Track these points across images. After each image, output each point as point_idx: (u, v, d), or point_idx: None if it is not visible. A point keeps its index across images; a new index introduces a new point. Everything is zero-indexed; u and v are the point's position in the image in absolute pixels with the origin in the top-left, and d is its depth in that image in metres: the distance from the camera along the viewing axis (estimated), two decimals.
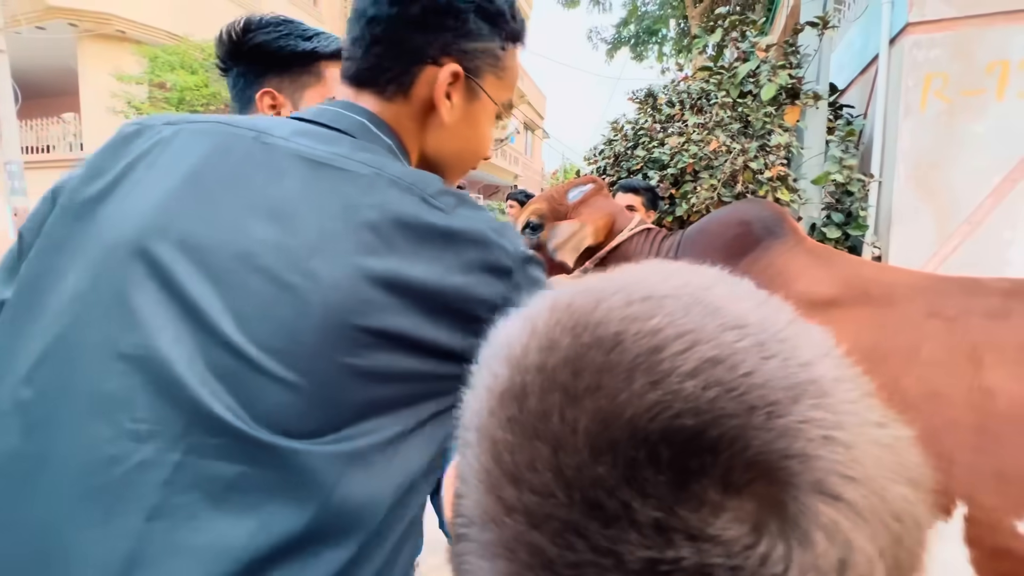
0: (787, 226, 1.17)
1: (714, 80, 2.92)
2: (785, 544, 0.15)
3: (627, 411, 0.16)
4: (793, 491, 0.15)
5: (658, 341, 0.17)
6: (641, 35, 8.93)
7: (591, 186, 1.40)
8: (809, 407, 0.16)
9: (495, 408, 0.19)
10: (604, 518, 0.15)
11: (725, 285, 0.22)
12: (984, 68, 2.67)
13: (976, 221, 2.71)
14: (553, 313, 0.20)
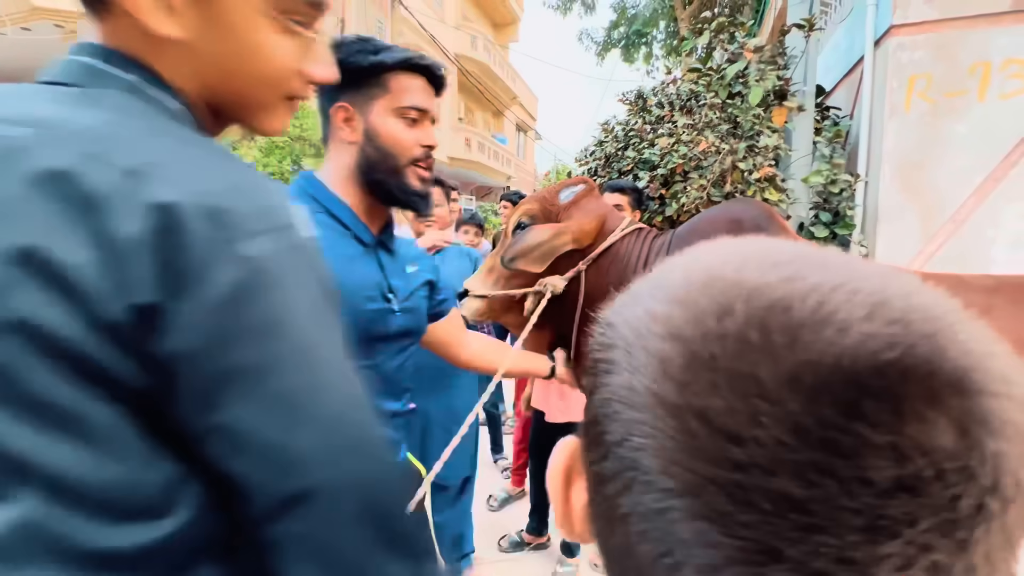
0: (776, 224, 1.18)
1: (703, 82, 2.96)
2: (990, 439, 0.18)
3: (829, 358, 0.18)
4: (979, 397, 0.18)
5: (822, 296, 0.20)
6: (631, 37, 9.00)
7: (582, 187, 1.39)
8: (964, 326, 0.20)
9: (684, 380, 0.20)
10: (843, 452, 0.17)
11: (803, 248, 0.24)
12: (966, 69, 2.72)
13: (960, 220, 2.76)
14: (706, 286, 0.22)
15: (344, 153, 0.92)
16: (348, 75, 0.86)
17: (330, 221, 0.90)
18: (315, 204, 0.90)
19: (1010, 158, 2.68)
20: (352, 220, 0.91)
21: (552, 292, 1.27)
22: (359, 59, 0.87)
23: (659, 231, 1.36)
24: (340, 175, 0.92)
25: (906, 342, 0.18)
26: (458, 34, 16.24)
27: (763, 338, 0.19)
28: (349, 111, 0.90)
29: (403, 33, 13.96)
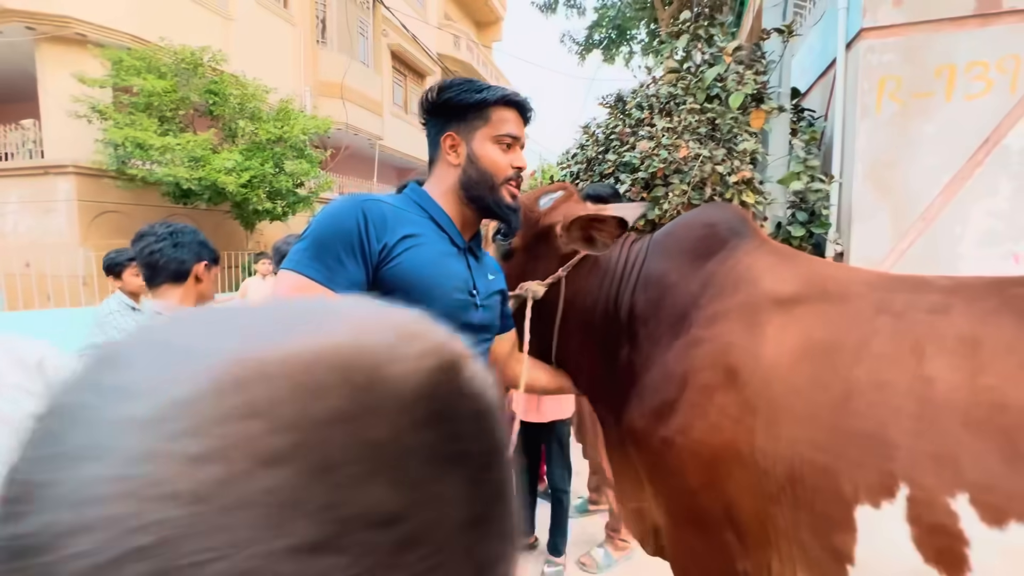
0: (750, 227, 1.22)
1: (682, 84, 3.01)
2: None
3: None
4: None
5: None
6: (612, 37, 9.06)
7: (561, 193, 1.40)
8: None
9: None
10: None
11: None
12: (933, 71, 2.81)
13: (929, 217, 2.85)
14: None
15: (448, 173, 1.12)
16: (456, 110, 1.08)
17: (432, 224, 1.09)
18: (420, 210, 1.09)
19: (975, 158, 2.78)
20: (449, 226, 1.11)
21: (533, 297, 1.29)
22: (467, 97, 1.07)
23: (638, 235, 1.38)
24: (443, 190, 1.12)
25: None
26: (440, 34, 16.18)
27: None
28: (456, 140, 1.09)
29: (386, 33, 13.87)
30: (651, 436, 1.06)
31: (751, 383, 0.96)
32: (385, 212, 1.01)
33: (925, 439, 0.76)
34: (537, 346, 1.40)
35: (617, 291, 1.27)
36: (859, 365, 0.87)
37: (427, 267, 1.02)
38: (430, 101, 1.09)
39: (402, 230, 1.02)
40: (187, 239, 1.60)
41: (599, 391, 1.34)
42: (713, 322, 1.07)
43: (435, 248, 1.05)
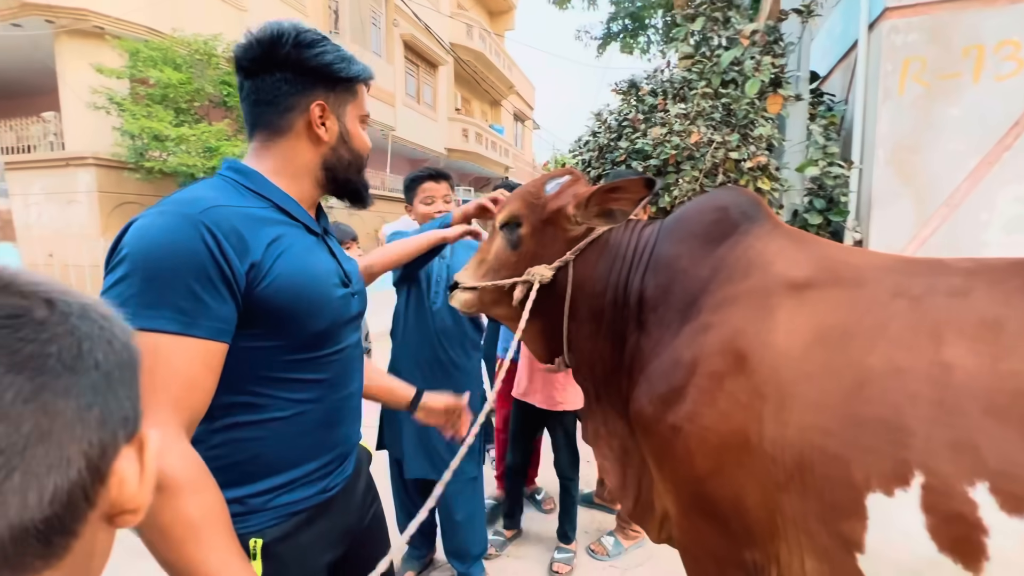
0: (762, 210, 1.19)
1: (696, 69, 2.94)
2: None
3: None
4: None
5: None
6: (629, 28, 8.90)
7: (567, 178, 1.37)
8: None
9: None
10: None
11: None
12: (960, 52, 2.70)
13: (954, 204, 2.76)
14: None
15: (306, 149, 0.93)
16: (325, 76, 0.90)
17: (281, 215, 0.89)
18: (258, 199, 0.88)
19: (1004, 141, 2.67)
20: (300, 212, 0.93)
21: (540, 281, 1.27)
22: (342, 68, 0.91)
23: (649, 220, 1.35)
24: (292, 169, 0.93)
25: None
26: (453, 23, 16.07)
27: None
28: (325, 112, 0.92)
29: (398, 23, 13.82)
30: (659, 422, 1.05)
31: (760, 369, 0.94)
32: (234, 221, 0.79)
33: (943, 426, 0.73)
34: (550, 332, 1.39)
35: (627, 276, 1.24)
36: (874, 351, 0.84)
37: (302, 274, 0.86)
38: (281, 53, 0.87)
39: (261, 237, 0.82)
40: None
41: (605, 380, 1.32)
42: (723, 307, 1.05)
43: (299, 246, 0.88)
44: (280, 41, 0.87)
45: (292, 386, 0.86)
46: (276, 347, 0.83)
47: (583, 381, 1.41)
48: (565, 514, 2.40)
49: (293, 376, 0.86)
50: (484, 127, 18.11)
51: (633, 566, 2.37)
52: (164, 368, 0.70)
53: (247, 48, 0.89)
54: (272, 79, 0.89)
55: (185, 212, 0.76)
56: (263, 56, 0.88)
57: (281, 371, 0.85)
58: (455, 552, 2.13)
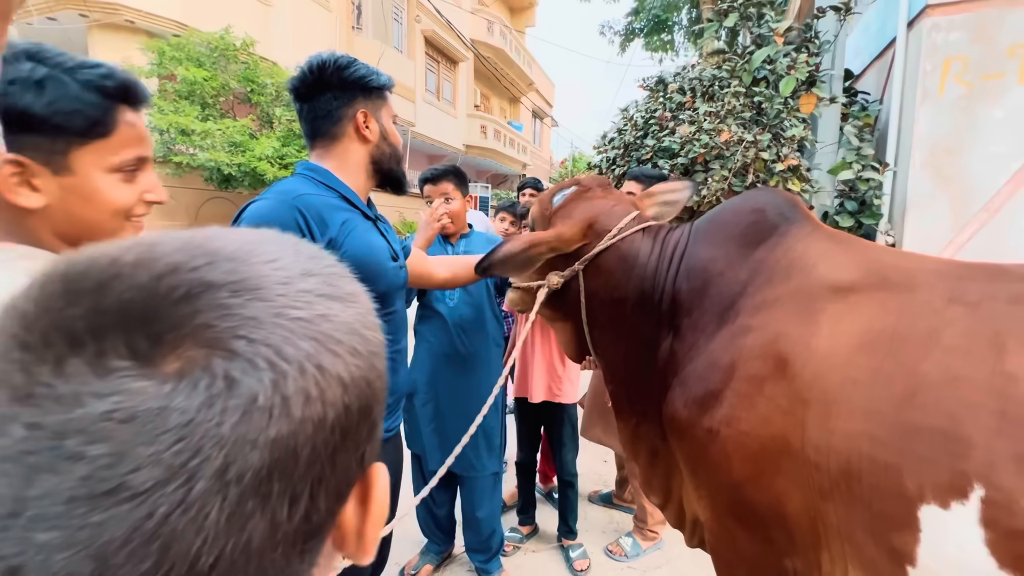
0: (801, 212, 1.15)
1: (727, 66, 2.88)
2: (193, 384, 0.21)
3: (45, 321, 0.22)
4: (196, 349, 0.22)
5: (113, 271, 0.23)
6: (654, 25, 8.79)
7: (572, 189, 1.37)
8: (221, 295, 0.23)
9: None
10: (22, 395, 0.21)
11: (237, 235, 0.27)
12: (1005, 51, 2.61)
13: (993, 208, 2.67)
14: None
15: (357, 149, 1.16)
16: (363, 88, 1.14)
17: (344, 203, 1.12)
18: (327, 190, 1.11)
19: None
20: (359, 202, 1.17)
21: (550, 287, 1.30)
22: (375, 79, 1.15)
23: (673, 226, 1.32)
24: (351, 166, 1.16)
25: (128, 306, 0.22)
26: (474, 19, 16.06)
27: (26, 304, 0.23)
28: (368, 116, 1.15)
29: (420, 18, 13.86)
30: (695, 426, 1.03)
31: (803, 374, 0.91)
32: (317, 205, 1.04)
33: (1006, 438, 0.70)
34: (579, 335, 1.40)
35: (652, 282, 1.22)
36: (928, 358, 0.81)
37: (365, 249, 1.09)
38: (324, 77, 1.10)
39: (336, 219, 1.06)
40: None
41: (633, 384, 1.31)
42: (763, 310, 1.02)
43: (362, 228, 1.12)
44: (325, 67, 1.10)
45: None
46: None
47: (610, 384, 1.40)
48: (569, 510, 2.40)
49: None
50: (503, 124, 18.09)
51: (652, 568, 2.35)
52: None
53: (302, 79, 1.12)
54: (324, 98, 1.12)
55: (283, 199, 1.02)
56: (315, 82, 1.11)
57: None
58: (475, 547, 2.14)
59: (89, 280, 0.23)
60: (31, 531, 0.19)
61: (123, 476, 0.20)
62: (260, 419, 0.22)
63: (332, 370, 0.25)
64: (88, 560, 0.19)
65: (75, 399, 0.20)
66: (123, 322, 0.22)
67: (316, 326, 0.25)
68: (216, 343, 0.22)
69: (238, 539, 0.21)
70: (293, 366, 0.23)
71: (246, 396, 0.22)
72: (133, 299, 0.22)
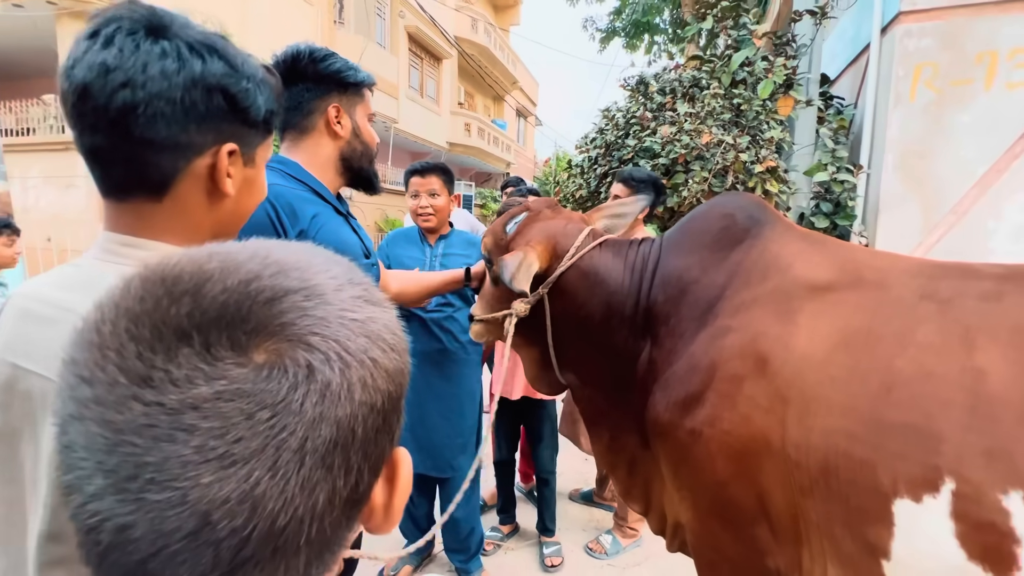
0: (770, 213, 1.16)
1: (706, 68, 2.92)
2: (283, 371, 0.25)
3: (154, 317, 0.26)
4: (282, 343, 0.26)
5: (204, 276, 0.27)
6: (633, 25, 8.85)
7: (523, 215, 1.38)
8: (297, 299, 0.28)
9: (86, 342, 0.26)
10: (140, 378, 0.24)
11: (295, 251, 0.32)
12: (973, 58, 2.69)
13: (961, 211, 2.75)
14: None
15: (327, 144, 1.14)
16: (338, 82, 1.11)
17: (315, 198, 1.10)
18: (296, 183, 1.09)
19: (1013, 149, 2.67)
20: (330, 196, 1.15)
21: (517, 315, 1.29)
22: (352, 73, 1.12)
23: (640, 240, 1.32)
24: (320, 160, 1.14)
25: (224, 306, 0.27)
26: (458, 16, 15.98)
27: (131, 301, 0.26)
28: (340, 111, 1.12)
29: (403, 14, 13.73)
30: (678, 428, 1.03)
31: (782, 372, 0.92)
32: (287, 196, 1.02)
33: (976, 433, 0.72)
34: (540, 360, 1.41)
35: (623, 296, 1.22)
36: (902, 355, 0.82)
37: (337, 243, 1.06)
38: (299, 67, 1.08)
39: (308, 212, 1.04)
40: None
41: (606, 398, 1.32)
42: (741, 311, 1.03)
43: (333, 222, 1.10)
44: (299, 57, 1.08)
45: None
46: None
47: (580, 403, 1.42)
48: (546, 508, 2.40)
49: None
50: (487, 122, 18.05)
51: (632, 565, 2.36)
52: None
53: (274, 66, 1.05)
54: (296, 89, 1.09)
55: None
56: (287, 71, 1.07)
57: None
58: (454, 547, 2.12)
59: (185, 283, 0.26)
60: (146, 492, 0.23)
61: (230, 444, 0.23)
62: (332, 401, 0.26)
63: (381, 362, 0.29)
64: (194, 517, 0.23)
65: (189, 381, 0.24)
66: (222, 319, 0.26)
67: (367, 326, 0.30)
68: (297, 338, 0.26)
69: (307, 502, 0.25)
70: (355, 358, 0.28)
71: (322, 382, 0.26)
72: (227, 300, 0.26)
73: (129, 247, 0.58)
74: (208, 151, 0.59)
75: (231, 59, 0.58)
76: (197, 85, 0.55)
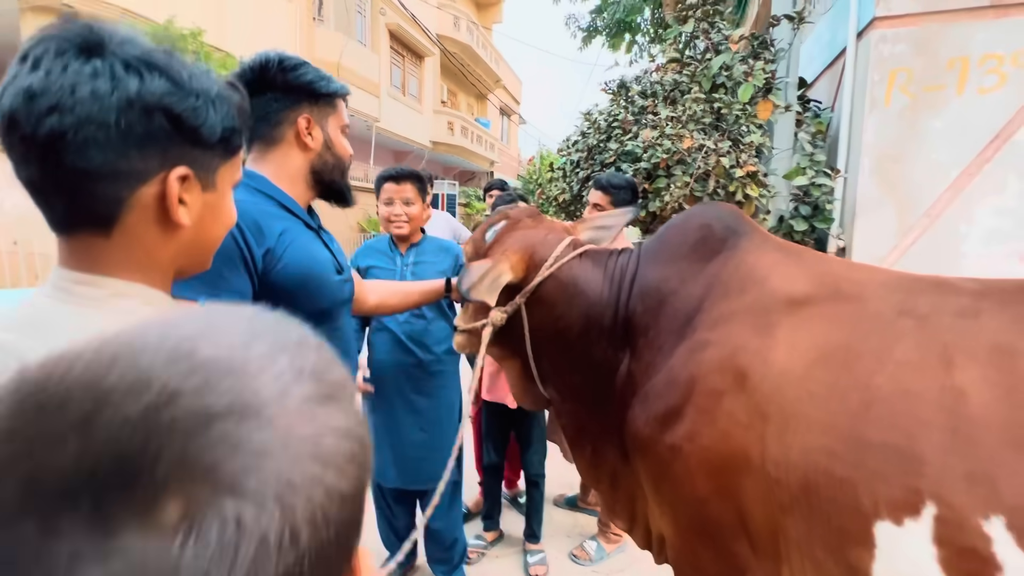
0: (747, 223, 1.16)
1: (687, 71, 2.92)
2: (203, 534, 0.19)
3: (26, 467, 0.19)
4: (203, 489, 0.20)
5: (100, 398, 0.20)
6: (615, 24, 8.88)
7: (503, 223, 1.37)
8: (228, 427, 0.21)
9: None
10: (12, 567, 0.18)
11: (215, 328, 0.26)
12: (945, 64, 2.74)
13: (934, 214, 2.81)
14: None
15: (296, 156, 1.09)
16: (309, 92, 1.07)
17: (283, 212, 1.06)
18: (264, 198, 1.05)
19: (984, 153, 2.73)
20: (299, 211, 1.10)
21: (494, 325, 1.27)
22: (324, 84, 1.08)
23: (618, 251, 1.30)
24: (288, 173, 1.09)
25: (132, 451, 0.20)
26: (440, 14, 15.85)
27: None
28: (311, 123, 1.08)
29: (384, 11, 13.57)
30: (657, 443, 1.02)
31: (761, 388, 0.91)
32: (252, 213, 0.97)
33: (957, 456, 0.71)
34: (523, 372, 1.39)
35: (601, 308, 1.21)
36: (881, 372, 0.82)
37: (307, 260, 1.04)
38: (268, 76, 1.04)
39: (275, 228, 1.00)
40: None
41: (587, 411, 1.30)
42: (720, 324, 1.02)
43: (303, 238, 1.07)
44: (267, 66, 1.04)
45: None
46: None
47: (561, 417, 1.40)
48: (534, 513, 2.38)
49: None
50: (470, 121, 17.96)
51: (615, 571, 2.36)
52: None
53: (240, 75, 1.05)
54: (264, 98, 1.05)
55: None
56: (255, 80, 1.04)
57: None
58: (437, 558, 2.09)
59: (73, 411, 0.20)
60: None
61: None
62: (270, 557, 0.21)
63: (336, 488, 0.24)
64: None
65: (72, 564, 0.18)
66: (121, 466, 0.19)
67: (319, 445, 0.24)
68: (224, 483, 0.20)
69: None
70: (300, 496, 0.22)
71: (257, 537, 0.20)
72: (131, 437, 0.20)
73: (82, 285, 0.54)
74: (154, 178, 0.53)
75: (174, 75, 0.53)
76: (134, 106, 0.50)
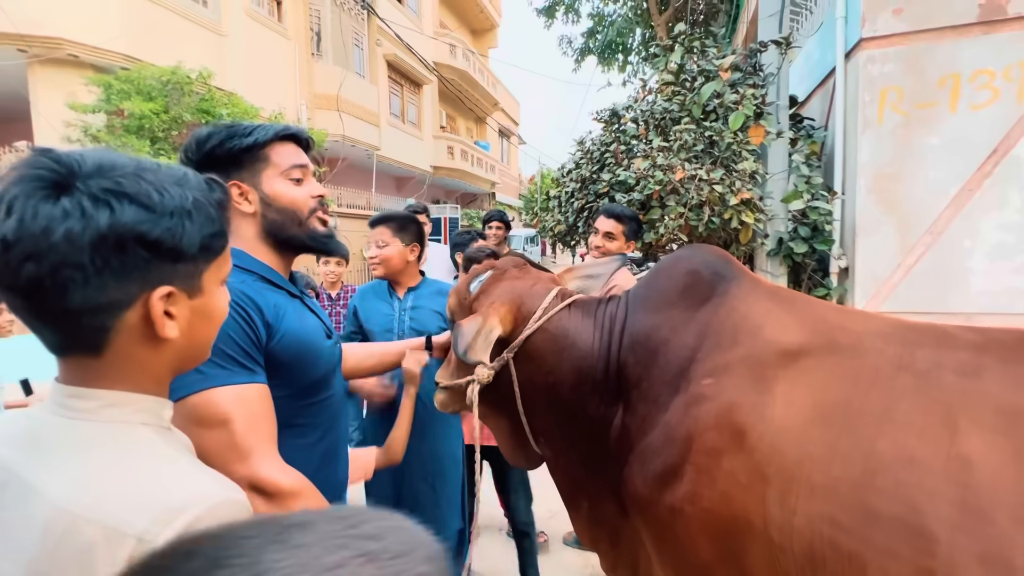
0: (735, 267, 1.13)
1: (677, 100, 2.94)
2: None
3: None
4: None
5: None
6: (608, 45, 9.04)
7: (488, 274, 1.32)
8: None
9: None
10: None
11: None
12: (936, 82, 2.74)
13: (937, 231, 2.77)
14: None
15: (244, 224, 1.04)
16: (229, 159, 1.00)
17: (266, 284, 1.02)
18: (246, 273, 1.01)
19: (984, 168, 2.70)
20: (281, 280, 1.07)
21: (480, 381, 1.20)
22: (237, 142, 1.00)
23: (606, 299, 1.25)
24: (249, 244, 1.05)
25: None
26: (436, 43, 16.19)
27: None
28: (243, 187, 1.02)
29: (380, 42, 13.87)
30: (657, 504, 0.98)
31: (760, 447, 0.88)
32: (250, 292, 0.96)
33: (969, 535, 0.67)
34: (516, 439, 1.34)
35: (593, 359, 1.16)
36: (882, 435, 0.79)
37: (302, 332, 1.02)
38: (193, 159, 0.99)
39: (269, 302, 0.98)
40: None
41: (582, 467, 1.26)
42: (714, 377, 0.99)
43: (292, 308, 1.03)
44: (187, 152, 1.00)
45: (300, 431, 1.02)
46: (286, 396, 0.98)
47: (555, 474, 1.34)
48: (529, 566, 2.26)
49: (300, 421, 1.03)
50: (469, 144, 18.18)
51: None
52: (254, 410, 0.89)
53: (181, 161, 1.01)
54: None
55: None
56: (192, 165, 0.98)
57: (292, 417, 0.99)
58: None
59: None
60: None
61: None
62: None
63: None
64: None
65: None
66: None
67: None
68: None
69: None
70: None
71: None
72: None
73: (75, 398, 0.56)
74: (137, 302, 0.54)
75: (144, 200, 0.53)
76: (107, 240, 0.50)
